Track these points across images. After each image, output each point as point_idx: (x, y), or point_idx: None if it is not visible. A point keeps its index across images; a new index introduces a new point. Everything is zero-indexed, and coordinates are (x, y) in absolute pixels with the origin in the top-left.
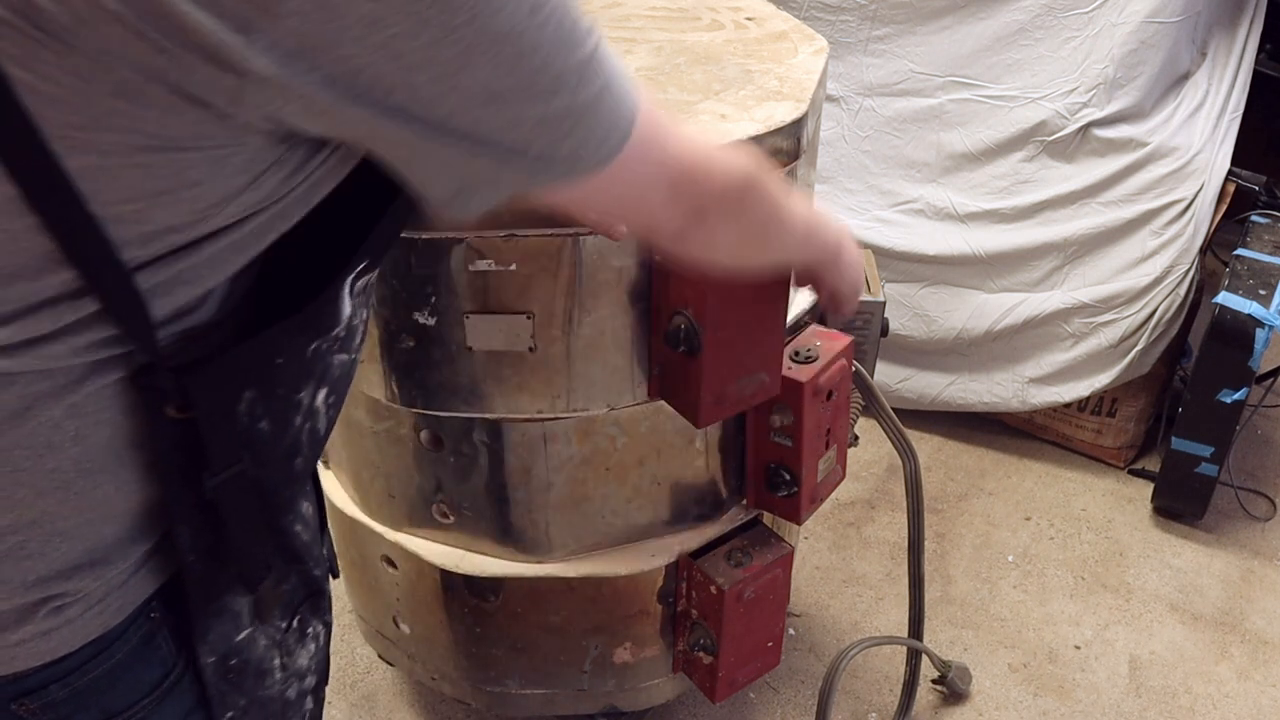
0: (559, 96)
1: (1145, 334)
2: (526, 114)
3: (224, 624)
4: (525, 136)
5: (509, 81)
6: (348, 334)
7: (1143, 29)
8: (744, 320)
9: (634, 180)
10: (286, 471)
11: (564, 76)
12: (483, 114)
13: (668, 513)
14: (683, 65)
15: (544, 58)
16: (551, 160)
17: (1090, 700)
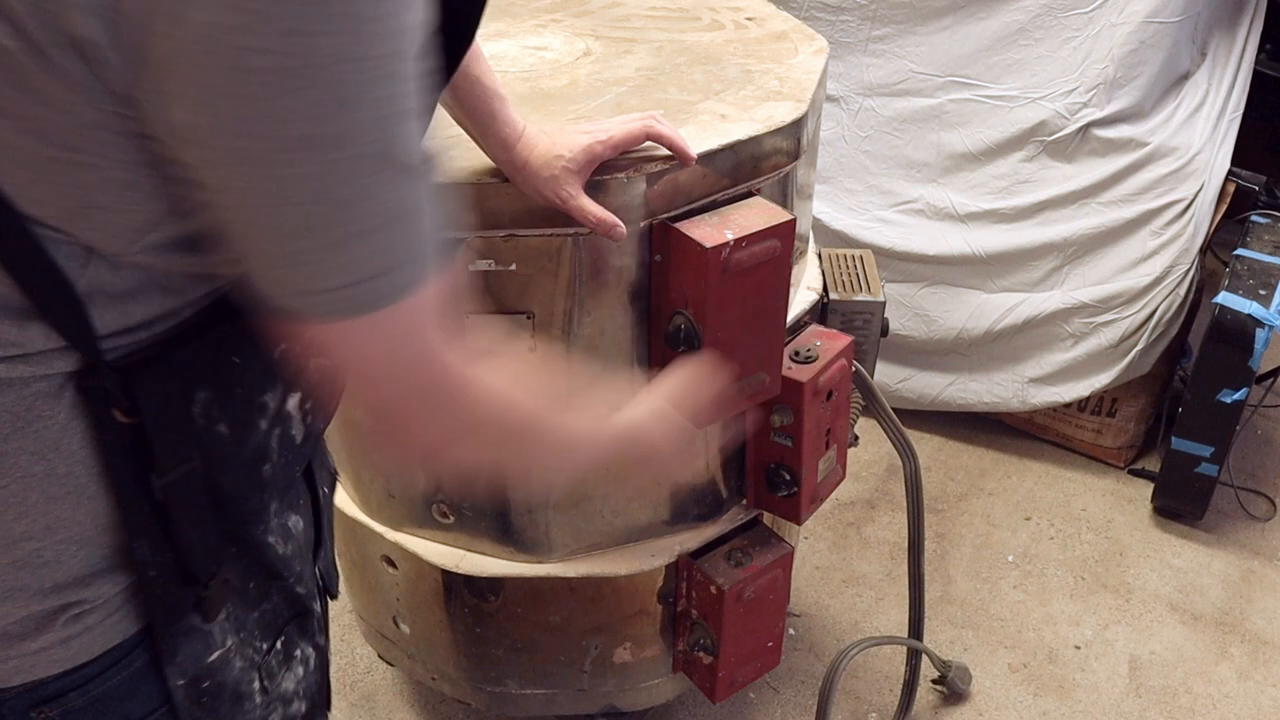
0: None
1: (1145, 334)
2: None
3: (193, 643)
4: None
5: (327, 128)
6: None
7: (1143, 29)
8: (744, 320)
9: (383, 353)
10: (252, 478)
11: (371, 184)
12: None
13: (668, 513)
14: (683, 65)
15: (351, 157)
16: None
17: (1090, 700)
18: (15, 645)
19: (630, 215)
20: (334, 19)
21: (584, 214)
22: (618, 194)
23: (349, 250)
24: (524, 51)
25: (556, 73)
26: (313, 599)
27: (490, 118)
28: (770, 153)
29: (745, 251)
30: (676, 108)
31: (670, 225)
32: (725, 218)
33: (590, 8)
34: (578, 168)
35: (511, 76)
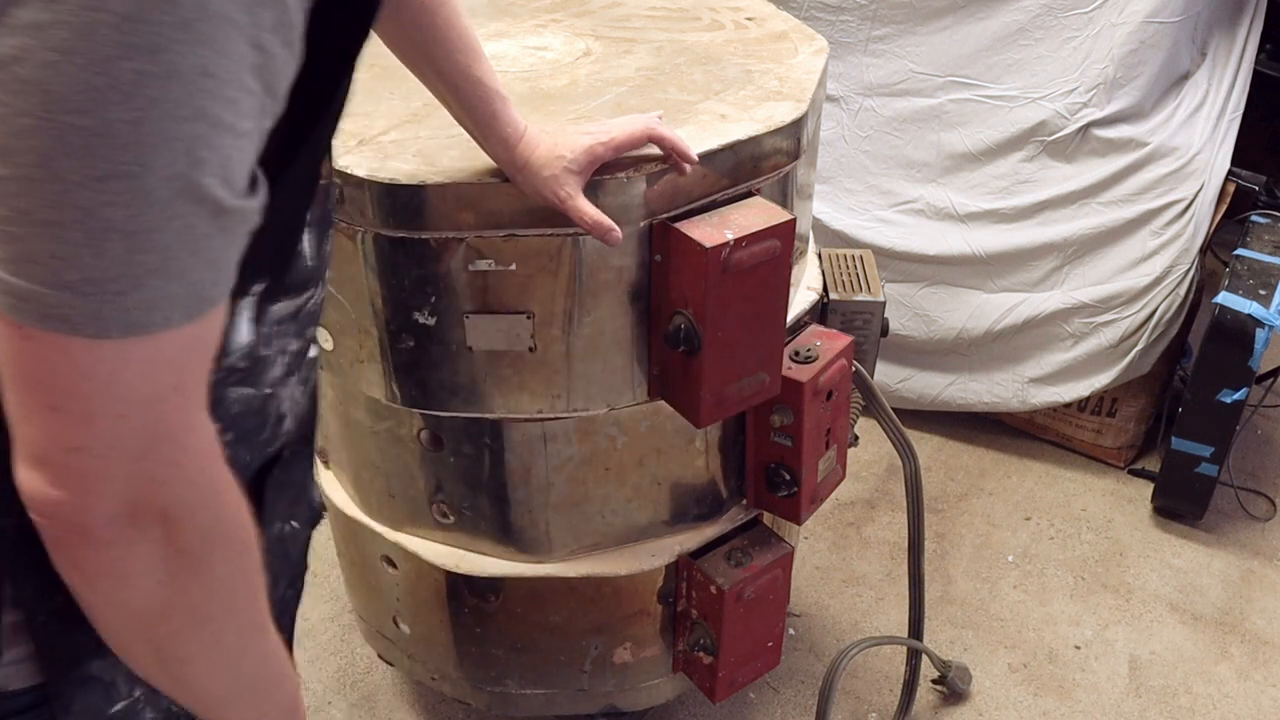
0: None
1: (1145, 334)
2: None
3: (91, 694)
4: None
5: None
6: (251, 367)
7: (1143, 29)
8: (744, 320)
9: (100, 386)
10: None
11: (110, 173)
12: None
13: (668, 513)
14: (683, 65)
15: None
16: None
17: (1090, 700)
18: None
19: (630, 215)
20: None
21: (580, 215)
22: (617, 194)
23: (59, 242)
24: (524, 51)
25: (556, 73)
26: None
27: (492, 118)
28: (770, 153)
29: (745, 251)
30: (676, 108)
31: (670, 225)
32: (725, 218)
33: (590, 8)
34: (578, 168)
35: (511, 76)
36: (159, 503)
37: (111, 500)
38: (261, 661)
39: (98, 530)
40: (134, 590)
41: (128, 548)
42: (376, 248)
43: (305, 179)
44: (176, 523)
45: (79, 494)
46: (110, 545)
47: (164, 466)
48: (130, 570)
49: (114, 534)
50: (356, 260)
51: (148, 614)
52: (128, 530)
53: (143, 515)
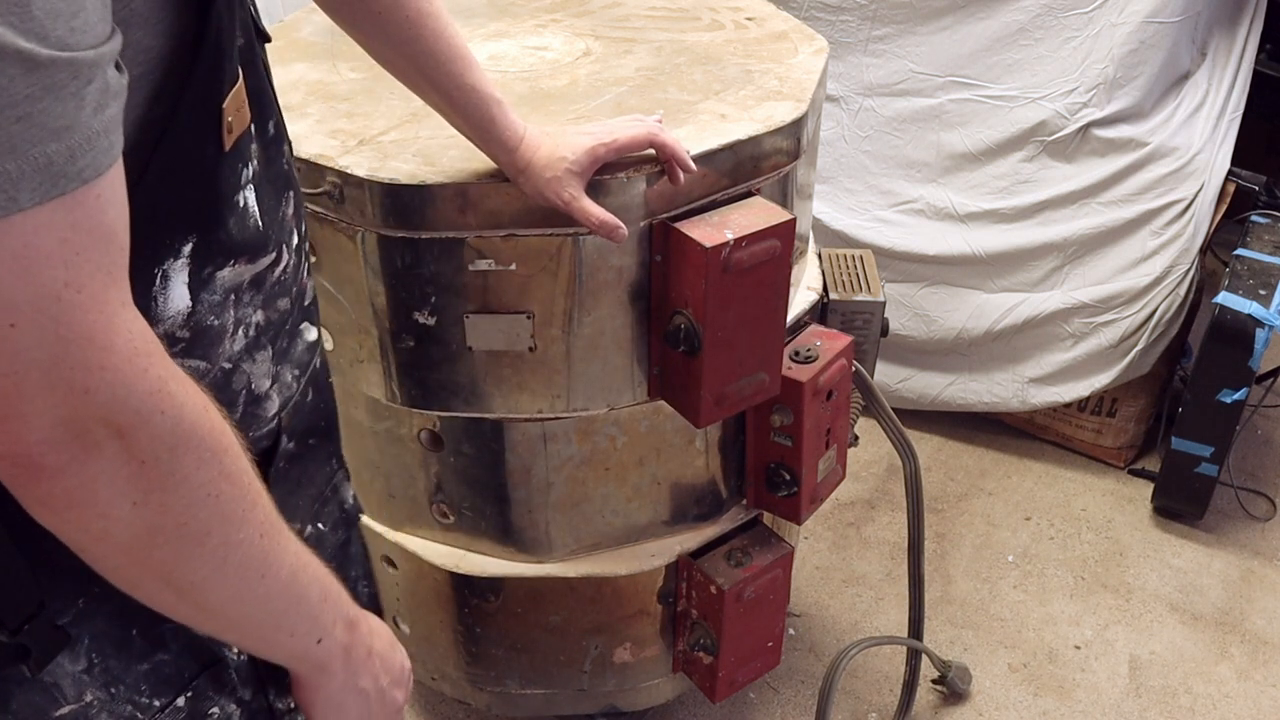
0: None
1: (1145, 334)
2: None
3: (29, 694)
4: None
5: None
6: (195, 336)
7: (1143, 29)
8: (744, 320)
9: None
10: None
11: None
12: None
13: (668, 513)
14: (683, 65)
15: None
16: None
17: (1090, 700)
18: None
19: (630, 215)
20: None
21: (586, 216)
22: (617, 194)
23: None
24: (524, 51)
25: (556, 73)
26: (223, 644)
27: (490, 123)
28: (770, 153)
29: (745, 251)
30: (676, 108)
31: (670, 225)
32: (725, 218)
33: (590, 8)
34: (580, 169)
35: (511, 76)
36: (98, 414)
37: (43, 421)
38: (291, 575)
39: (43, 458)
40: (110, 518)
41: (83, 470)
42: (376, 248)
43: (199, 103)
44: (129, 432)
45: (7, 425)
46: (63, 472)
47: (86, 372)
48: (96, 496)
49: (62, 458)
50: (356, 260)
51: (135, 541)
52: (76, 452)
53: (86, 432)
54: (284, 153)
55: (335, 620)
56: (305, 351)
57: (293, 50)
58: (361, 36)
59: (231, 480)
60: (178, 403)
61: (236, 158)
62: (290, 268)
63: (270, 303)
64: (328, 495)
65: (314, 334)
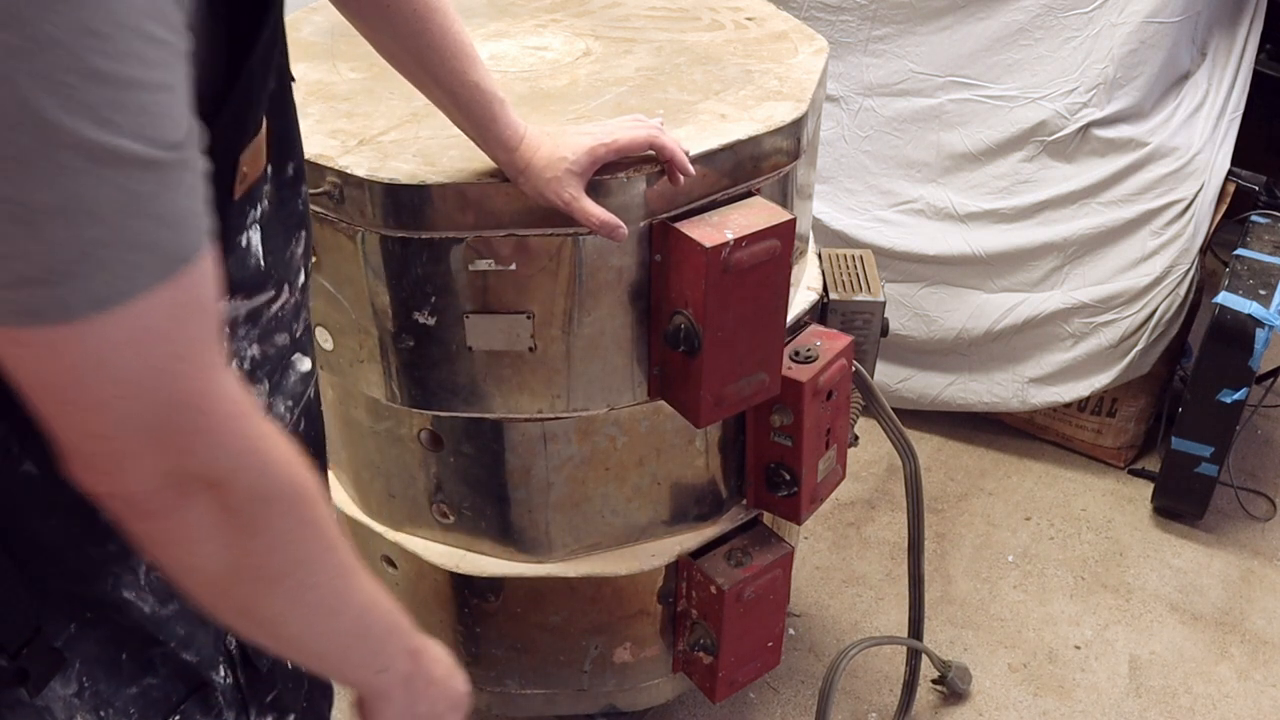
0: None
1: (1145, 334)
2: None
3: (22, 717)
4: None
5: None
6: None
7: (1143, 29)
8: (744, 320)
9: (94, 375)
10: (83, 525)
11: (15, 157)
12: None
13: (668, 512)
14: (683, 65)
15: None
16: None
17: (1090, 700)
18: None
19: (630, 215)
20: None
21: (587, 216)
22: (617, 194)
23: (9, 236)
24: (524, 51)
25: (556, 73)
26: (210, 668)
27: (491, 121)
28: (770, 153)
29: (745, 251)
30: (676, 108)
31: (670, 225)
32: (725, 218)
33: (590, 8)
34: (580, 169)
35: (511, 76)
36: (196, 470)
37: (146, 475)
38: (361, 613)
39: (145, 503)
40: (199, 556)
41: (179, 515)
42: (377, 248)
43: (213, 155)
44: (222, 486)
45: (115, 476)
46: (163, 515)
47: (187, 436)
48: (189, 536)
49: (162, 504)
50: (356, 260)
51: (220, 577)
52: (175, 499)
53: (185, 484)
54: (300, 193)
55: (398, 652)
56: (299, 383)
57: (292, 50)
58: (367, 29)
59: (311, 528)
60: (267, 460)
61: (245, 202)
62: (290, 305)
63: (267, 338)
64: None
65: (307, 364)
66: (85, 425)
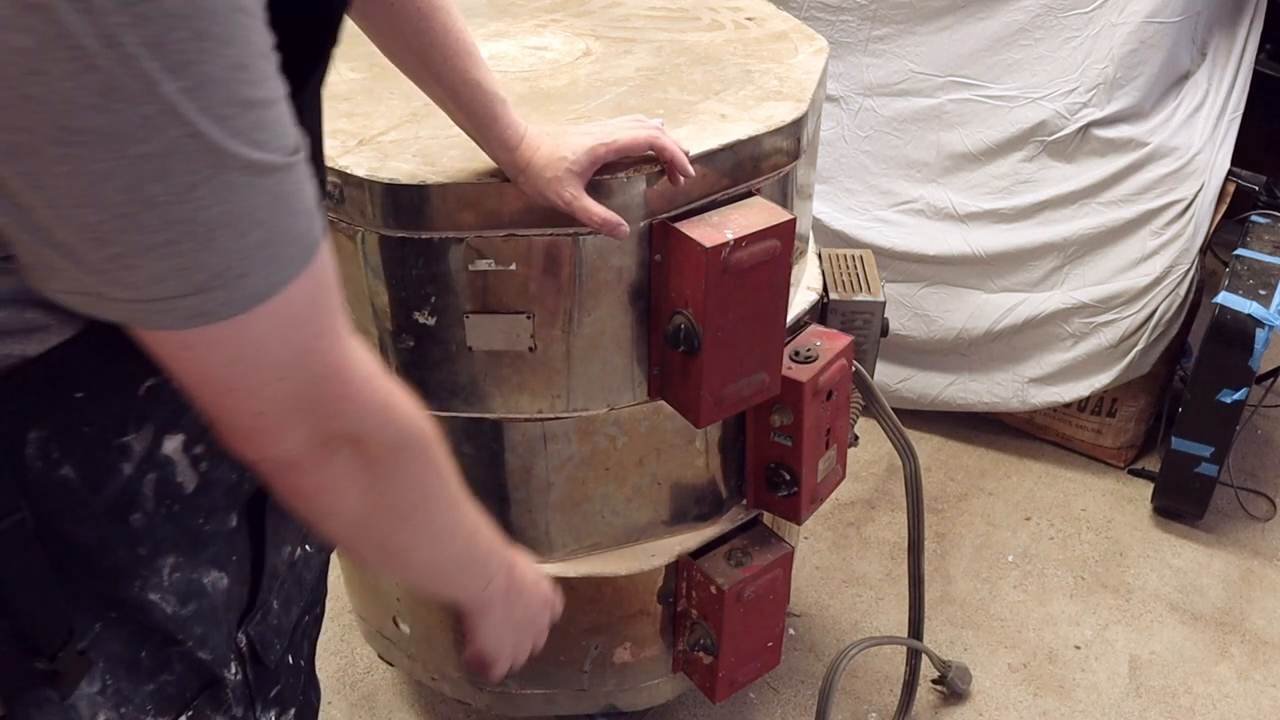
0: (166, 179)
1: (1145, 334)
2: (108, 184)
3: (49, 716)
4: (99, 218)
5: (92, 120)
6: None
7: (1143, 29)
8: (744, 320)
9: (254, 361)
10: (116, 528)
11: (179, 155)
12: (48, 154)
13: (668, 513)
14: (683, 65)
15: (152, 115)
16: (126, 274)
17: (1090, 700)
18: None
19: (630, 215)
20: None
21: (588, 215)
22: (617, 194)
23: (180, 256)
24: (524, 51)
25: (556, 73)
26: (223, 665)
27: (492, 120)
28: (770, 153)
29: (745, 251)
30: (676, 108)
31: (670, 225)
32: (725, 218)
33: (590, 8)
34: (580, 169)
35: (511, 76)
36: (339, 432)
37: (297, 441)
38: (469, 537)
39: (297, 464)
40: (342, 502)
41: (326, 471)
42: (376, 248)
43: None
44: (361, 442)
45: (275, 445)
46: (311, 472)
47: (331, 403)
48: (334, 487)
49: (311, 463)
50: (356, 260)
51: (359, 518)
52: (322, 458)
53: (329, 444)
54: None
55: (498, 569)
56: None
57: None
58: (370, 26)
59: (432, 468)
60: (396, 414)
61: None
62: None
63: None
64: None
65: None
66: (246, 407)
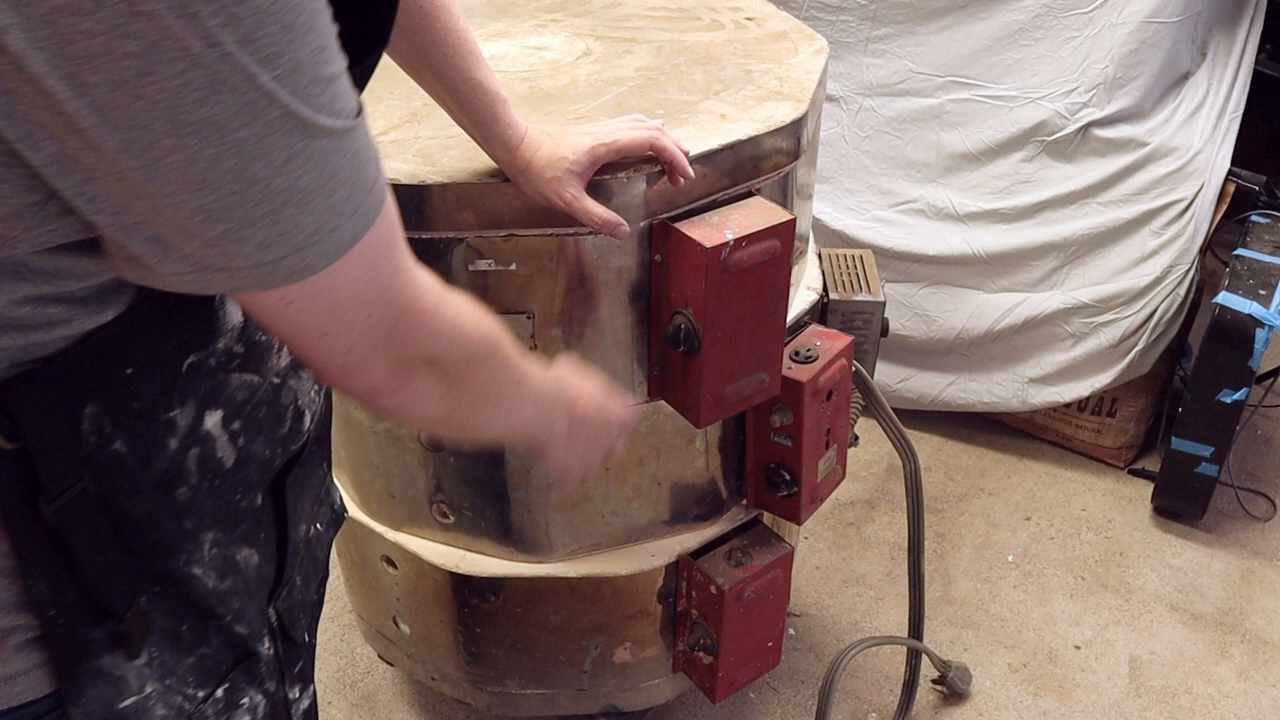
0: (267, 157)
1: (1145, 334)
2: (217, 167)
3: (100, 688)
4: (211, 199)
5: (200, 112)
6: (249, 351)
7: (1143, 29)
8: (744, 320)
9: (344, 303)
10: (164, 502)
11: (276, 135)
12: (162, 145)
13: (668, 513)
14: (683, 65)
15: (251, 101)
16: (238, 245)
17: (1090, 700)
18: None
19: (630, 215)
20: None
21: (589, 215)
22: (617, 194)
23: (282, 222)
24: (524, 51)
25: (556, 73)
26: (258, 640)
27: (492, 120)
28: (770, 153)
29: (745, 251)
30: (676, 108)
31: (670, 225)
32: (725, 218)
33: (590, 8)
34: (580, 169)
35: (511, 76)
36: (418, 355)
37: (382, 367)
38: (535, 401)
39: (387, 385)
40: (426, 409)
41: (410, 389)
42: None
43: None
44: (438, 359)
45: (365, 375)
46: (398, 390)
47: (411, 331)
48: (417, 400)
49: (396, 385)
50: None
51: (442, 416)
52: (405, 379)
53: (410, 366)
54: None
55: (559, 415)
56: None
57: None
58: None
59: (503, 364)
60: (466, 330)
61: None
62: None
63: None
64: (322, 497)
65: None
66: (338, 347)
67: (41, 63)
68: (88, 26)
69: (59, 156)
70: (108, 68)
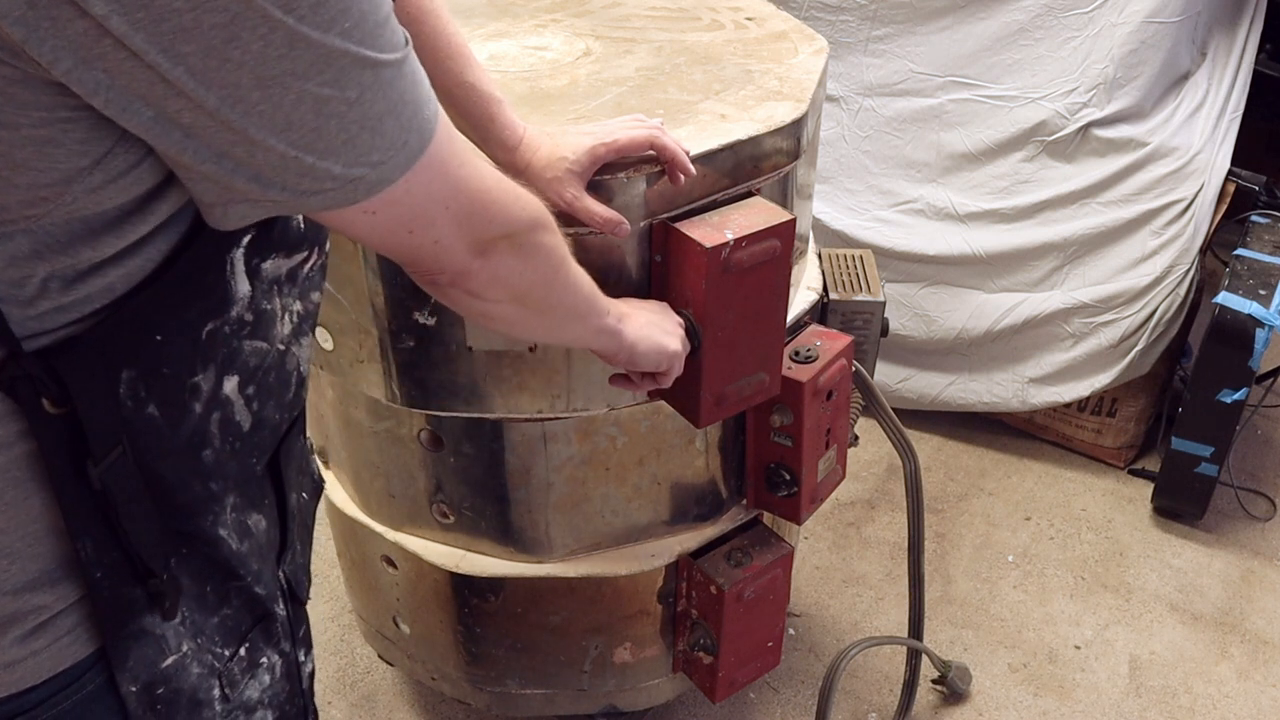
0: (342, 95)
1: (1145, 334)
2: (300, 109)
3: (144, 648)
4: (298, 136)
5: (282, 66)
6: (257, 319)
7: (1143, 29)
8: (744, 320)
9: (423, 203)
10: (192, 464)
11: (348, 76)
12: (252, 98)
13: (668, 513)
14: (683, 65)
15: (325, 53)
16: (325, 170)
17: (1090, 700)
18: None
19: (630, 215)
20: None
21: (589, 214)
22: (617, 194)
23: (360, 145)
24: (524, 51)
25: (556, 73)
26: (274, 601)
27: (490, 121)
28: (770, 153)
29: (745, 251)
30: (676, 108)
31: (670, 225)
32: (725, 218)
33: (590, 8)
34: (580, 169)
35: (511, 76)
36: (495, 235)
37: (464, 251)
38: (579, 279)
39: (473, 266)
40: (509, 287)
41: (492, 267)
42: None
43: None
44: (512, 234)
45: (453, 260)
46: (483, 269)
47: (485, 213)
48: (500, 276)
49: (482, 261)
50: (356, 260)
51: (520, 292)
52: (486, 259)
53: (490, 246)
54: None
55: (607, 306)
56: (310, 335)
57: None
58: None
59: (555, 235)
60: (525, 203)
61: None
62: (319, 265)
63: (305, 295)
64: (304, 467)
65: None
66: (426, 239)
67: (141, 40)
68: (178, 6)
69: (158, 119)
70: (198, 38)
